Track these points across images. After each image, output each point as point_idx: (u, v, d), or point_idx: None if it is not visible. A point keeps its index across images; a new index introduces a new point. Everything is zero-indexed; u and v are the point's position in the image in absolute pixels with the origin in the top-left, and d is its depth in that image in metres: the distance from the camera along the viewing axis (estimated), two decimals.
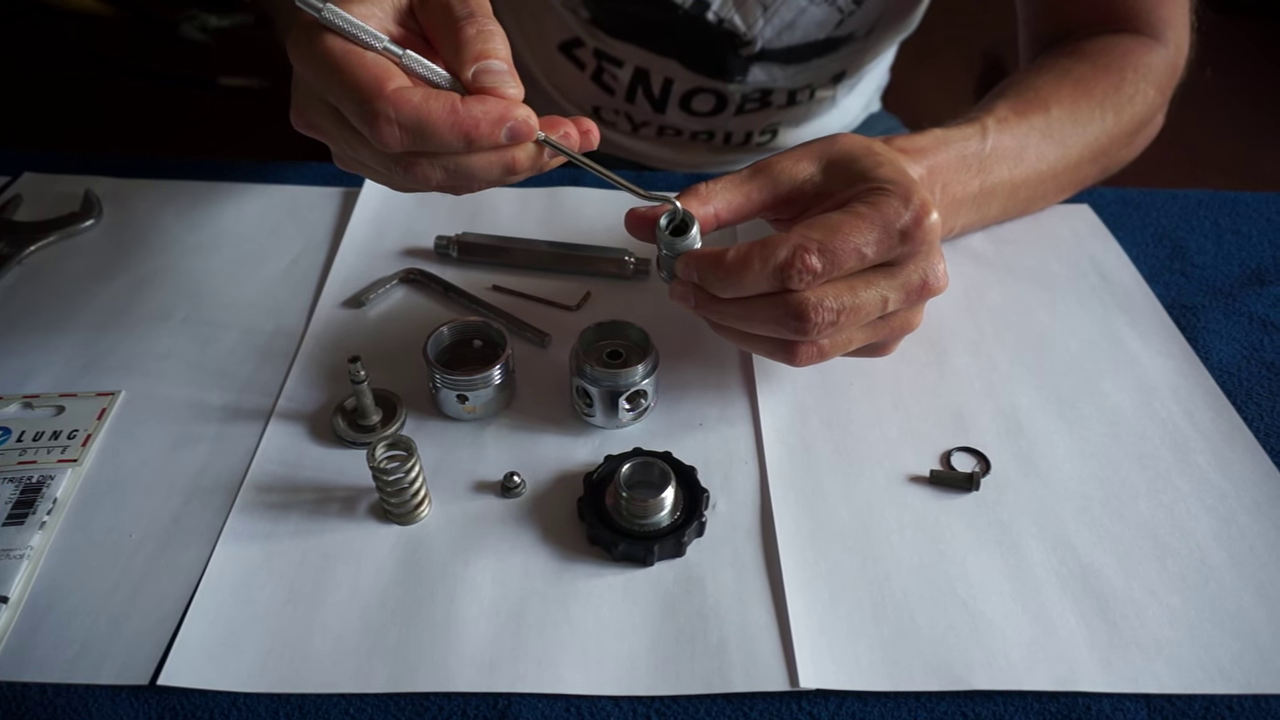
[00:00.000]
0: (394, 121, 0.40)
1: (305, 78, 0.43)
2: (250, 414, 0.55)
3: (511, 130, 0.42)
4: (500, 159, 0.44)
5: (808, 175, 0.49)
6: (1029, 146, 0.62)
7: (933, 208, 0.45)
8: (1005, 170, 0.61)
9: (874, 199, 0.45)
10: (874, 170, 0.47)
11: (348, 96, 0.41)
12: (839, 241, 0.44)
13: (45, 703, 0.42)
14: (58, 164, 0.76)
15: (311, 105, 0.44)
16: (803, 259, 0.43)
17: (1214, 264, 0.69)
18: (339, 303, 0.63)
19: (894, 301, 0.46)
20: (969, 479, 0.51)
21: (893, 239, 0.45)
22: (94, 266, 0.66)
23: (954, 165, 0.57)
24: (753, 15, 0.80)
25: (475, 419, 0.55)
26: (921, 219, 0.45)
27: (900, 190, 0.45)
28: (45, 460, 0.52)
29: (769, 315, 0.45)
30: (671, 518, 0.48)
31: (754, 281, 0.44)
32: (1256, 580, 0.47)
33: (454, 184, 0.45)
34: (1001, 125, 0.61)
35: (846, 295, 0.45)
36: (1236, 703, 0.42)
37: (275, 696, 0.42)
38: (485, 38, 0.43)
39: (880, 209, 0.45)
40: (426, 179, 0.44)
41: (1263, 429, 0.55)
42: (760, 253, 0.44)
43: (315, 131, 0.46)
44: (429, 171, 0.43)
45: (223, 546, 0.48)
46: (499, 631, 0.44)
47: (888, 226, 0.44)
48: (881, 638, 0.44)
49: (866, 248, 0.44)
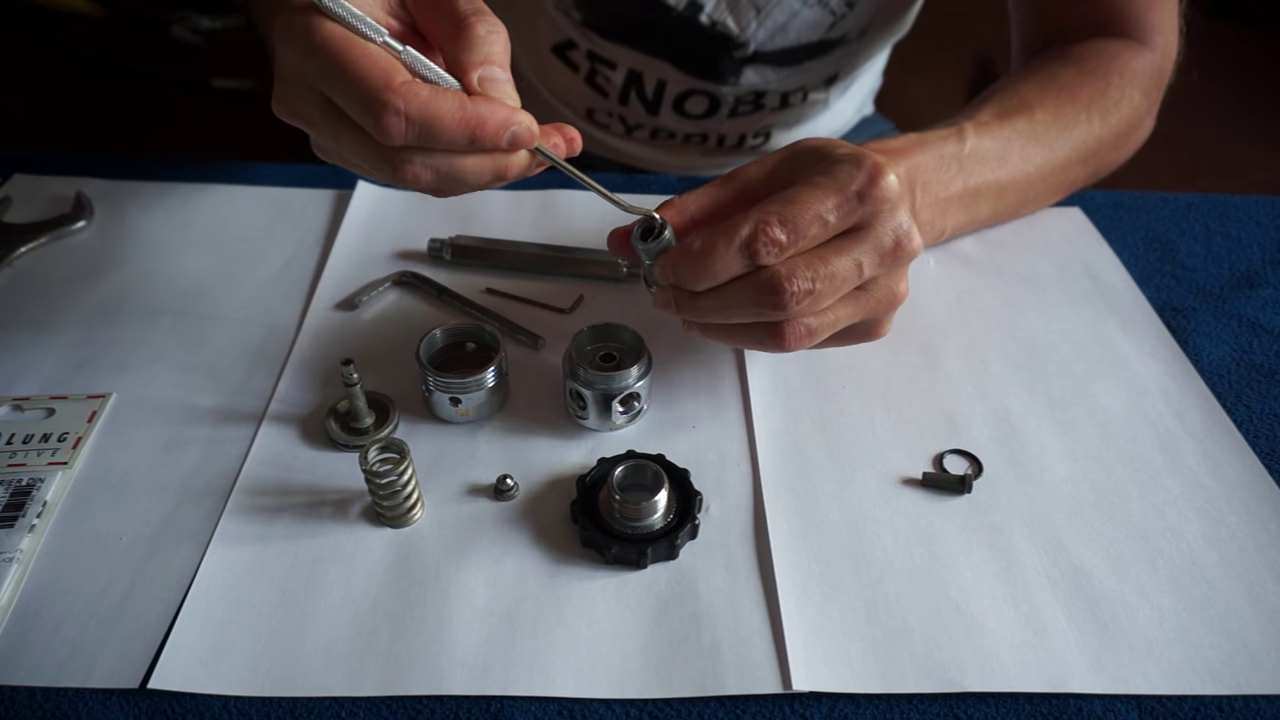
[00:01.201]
0: (402, 115, 0.40)
1: (296, 65, 0.42)
2: (242, 416, 0.55)
3: (513, 136, 0.43)
4: (493, 164, 0.44)
5: (771, 168, 0.50)
6: (1012, 149, 0.63)
7: (888, 169, 0.46)
8: (988, 172, 0.62)
9: (829, 169, 0.46)
10: (832, 153, 0.48)
11: (350, 88, 0.40)
12: (797, 210, 0.44)
13: (35, 706, 0.41)
14: (49, 165, 0.75)
15: (299, 93, 0.43)
16: (765, 231, 0.44)
17: (1204, 266, 0.69)
18: (332, 305, 0.63)
19: (869, 265, 0.46)
20: (961, 481, 0.51)
21: (851, 201, 0.45)
22: (85, 268, 0.66)
23: (932, 165, 0.58)
24: (746, 17, 0.80)
25: (468, 422, 0.55)
26: (877, 178, 0.45)
27: (852, 158, 0.46)
28: (35, 463, 0.51)
29: (745, 297, 0.45)
30: (664, 520, 0.48)
31: (723, 264, 0.44)
32: (1246, 581, 0.47)
33: (440, 186, 0.44)
34: (982, 129, 0.61)
35: (819, 264, 0.45)
36: (1226, 703, 0.42)
37: (267, 700, 0.42)
38: (494, 40, 0.43)
39: (834, 175, 0.46)
40: (416, 179, 0.43)
41: (1252, 431, 0.56)
42: (724, 234, 0.44)
43: (298, 119, 0.45)
44: (419, 172, 0.43)
45: (214, 549, 0.48)
46: (491, 634, 0.44)
47: (843, 189, 0.45)
48: (874, 640, 0.44)
49: (827, 214, 0.45)
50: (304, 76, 0.42)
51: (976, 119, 0.62)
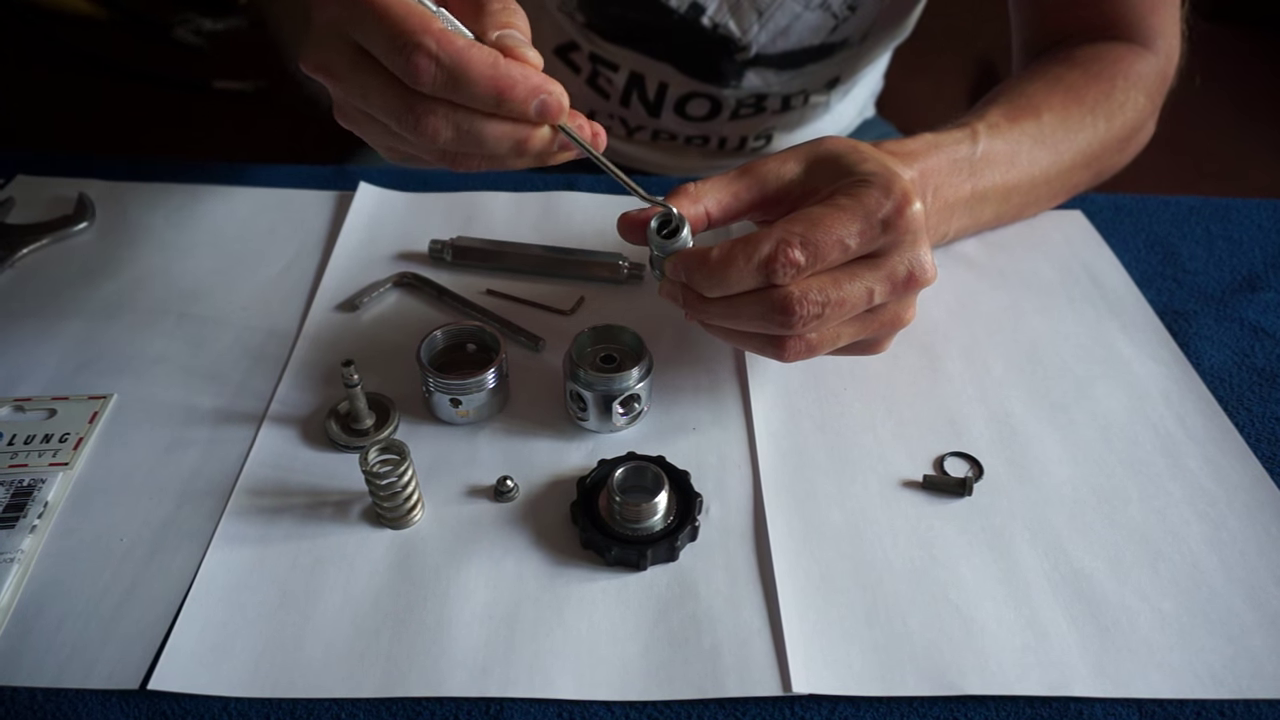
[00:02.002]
0: (434, 57, 0.39)
1: (333, 17, 0.42)
2: (243, 417, 0.55)
3: (542, 105, 0.42)
4: (515, 133, 0.43)
5: (794, 174, 0.49)
6: (1021, 151, 0.62)
7: (915, 197, 0.45)
8: (997, 174, 0.61)
9: (855, 190, 0.45)
10: (857, 166, 0.47)
11: (386, 28, 0.40)
12: (821, 234, 0.44)
13: (35, 707, 0.41)
14: (51, 166, 0.75)
15: (329, 42, 0.43)
16: (785, 253, 0.43)
17: (1205, 270, 0.69)
18: (333, 306, 0.63)
19: (880, 294, 0.46)
20: (961, 484, 0.51)
21: (875, 229, 0.45)
22: (87, 269, 0.66)
23: (945, 168, 0.58)
24: (748, 21, 0.80)
25: (468, 423, 0.55)
26: (904, 208, 0.45)
27: (881, 181, 0.45)
28: (36, 463, 0.51)
29: (755, 311, 0.45)
30: (665, 522, 0.48)
31: (739, 278, 0.44)
32: (1247, 585, 0.47)
33: (458, 148, 0.44)
34: (993, 130, 0.61)
35: (831, 288, 0.45)
36: (1228, 708, 0.42)
37: (267, 701, 0.42)
38: (509, 13, 0.43)
39: (861, 200, 0.45)
40: (435, 133, 0.42)
41: (1254, 434, 0.56)
42: (744, 249, 0.44)
43: (324, 72, 0.44)
44: (440, 125, 0.42)
45: (214, 550, 0.48)
46: (491, 636, 0.44)
47: (869, 216, 0.44)
48: (874, 642, 0.44)
49: (849, 239, 0.44)
50: (338, 27, 0.42)
51: (987, 119, 0.62)
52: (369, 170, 0.77)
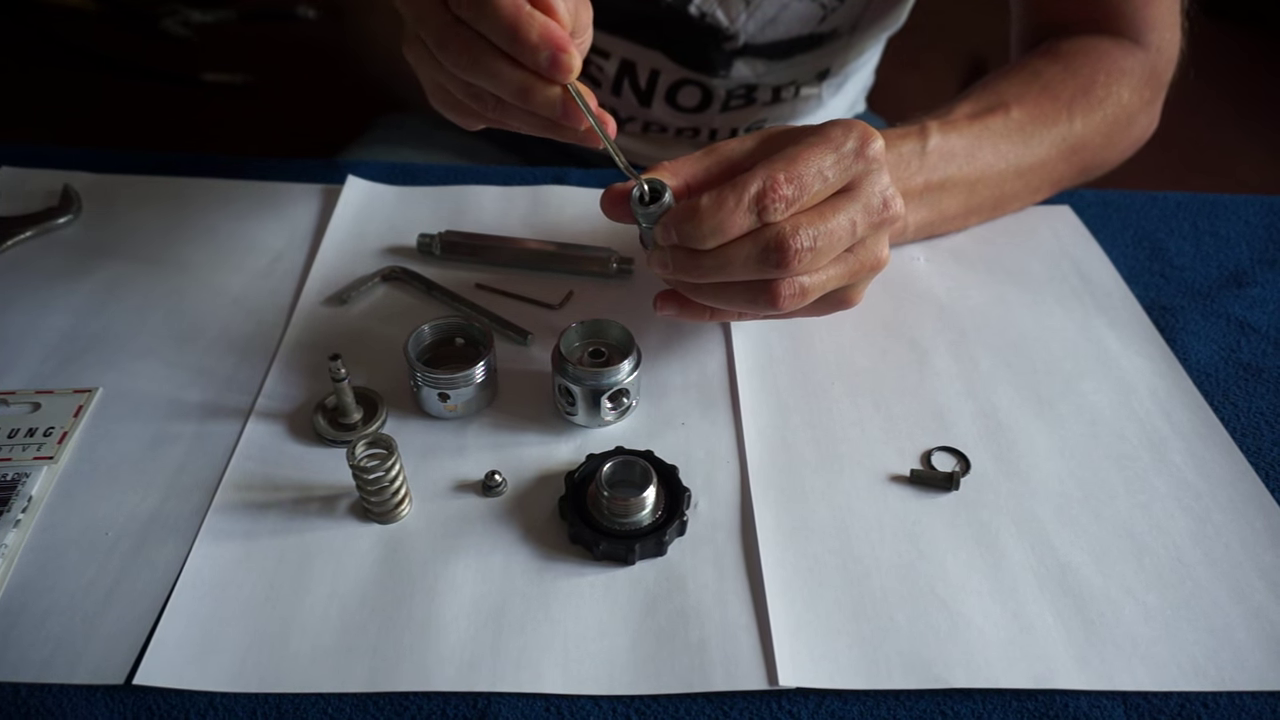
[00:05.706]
0: None
1: None
2: (229, 412, 0.55)
3: (553, 58, 0.45)
4: (522, 79, 0.46)
5: (752, 146, 0.51)
6: (983, 145, 0.64)
7: (876, 134, 0.48)
8: (953, 168, 0.63)
9: (820, 130, 0.48)
10: (810, 127, 0.50)
11: None
12: (801, 167, 0.46)
13: (19, 702, 0.41)
14: (36, 158, 0.75)
15: None
16: (774, 188, 0.45)
17: (1193, 265, 0.70)
18: (320, 300, 0.63)
19: (861, 225, 0.48)
20: (949, 478, 0.51)
21: (847, 158, 0.47)
22: (72, 262, 0.66)
23: (890, 161, 0.58)
24: (735, 9, 0.80)
25: (456, 417, 0.55)
26: (868, 139, 0.48)
27: (840, 123, 0.49)
28: (21, 458, 0.51)
29: (748, 254, 0.46)
30: (653, 517, 0.48)
31: (730, 221, 0.45)
32: (1231, 578, 0.47)
33: (474, 76, 0.47)
34: (948, 127, 0.62)
35: (819, 221, 0.47)
36: (1211, 700, 0.43)
37: (253, 696, 0.42)
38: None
39: (828, 136, 0.48)
40: (457, 55, 0.46)
41: (1239, 429, 0.56)
42: (733, 191, 0.46)
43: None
44: (461, 49, 0.46)
45: (200, 545, 0.47)
46: (479, 631, 0.44)
47: (839, 148, 0.47)
48: (861, 636, 0.44)
49: (827, 170, 0.47)
50: None
51: (946, 118, 0.64)
52: (357, 164, 0.76)
